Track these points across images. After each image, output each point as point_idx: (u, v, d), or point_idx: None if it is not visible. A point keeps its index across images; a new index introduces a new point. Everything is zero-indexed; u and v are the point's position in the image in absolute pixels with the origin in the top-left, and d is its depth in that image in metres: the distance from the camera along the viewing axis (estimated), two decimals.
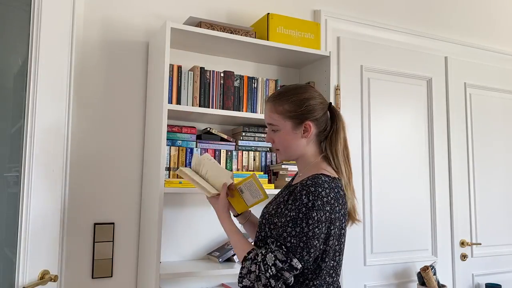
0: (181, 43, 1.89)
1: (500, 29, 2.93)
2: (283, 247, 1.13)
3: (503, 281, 2.60)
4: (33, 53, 1.49)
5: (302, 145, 1.29)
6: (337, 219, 1.19)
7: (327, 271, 1.21)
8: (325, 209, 1.14)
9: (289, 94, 1.29)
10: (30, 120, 1.46)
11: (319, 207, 1.13)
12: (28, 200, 1.44)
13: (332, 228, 1.18)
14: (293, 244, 1.12)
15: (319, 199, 1.14)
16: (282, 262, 1.12)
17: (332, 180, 1.22)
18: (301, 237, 1.12)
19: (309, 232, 1.12)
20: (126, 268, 1.82)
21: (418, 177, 2.48)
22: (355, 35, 2.40)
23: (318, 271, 1.19)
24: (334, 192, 1.19)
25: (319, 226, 1.13)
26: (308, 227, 1.12)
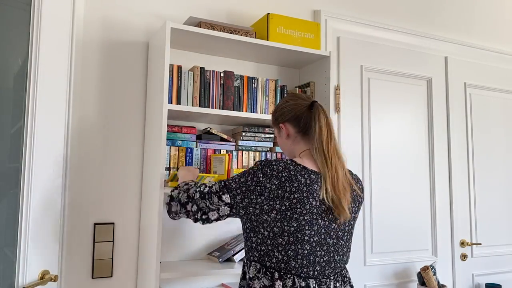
0: (181, 43, 1.89)
1: (500, 29, 2.94)
2: (222, 183, 1.31)
3: (503, 281, 2.61)
4: (33, 53, 1.49)
5: (289, 144, 1.43)
6: (286, 198, 1.23)
7: (272, 243, 1.25)
8: (272, 180, 1.24)
9: (277, 106, 1.48)
10: (30, 120, 1.46)
11: (266, 173, 1.25)
12: (28, 200, 1.44)
13: (278, 203, 1.23)
14: (231, 186, 1.29)
15: (268, 168, 1.26)
16: (216, 191, 1.30)
17: (295, 165, 1.29)
18: (241, 185, 1.27)
19: (250, 186, 1.25)
20: (126, 268, 1.82)
21: (418, 177, 2.49)
22: (355, 35, 2.40)
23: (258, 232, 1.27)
24: (289, 174, 1.26)
25: (261, 186, 1.24)
26: (251, 182, 1.26)
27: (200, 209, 1.33)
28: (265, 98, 1.95)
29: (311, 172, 1.29)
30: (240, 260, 1.85)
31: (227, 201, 1.28)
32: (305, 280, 1.25)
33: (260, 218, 1.26)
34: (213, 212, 1.31)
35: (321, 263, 1.28)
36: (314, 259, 1.27)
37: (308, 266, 1.26)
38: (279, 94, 1.98)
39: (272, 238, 1.25)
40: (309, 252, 1.26)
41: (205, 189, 1.33)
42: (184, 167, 1.66)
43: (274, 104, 1.97)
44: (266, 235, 1.26)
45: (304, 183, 1.26)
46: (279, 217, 1.24)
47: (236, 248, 1.86)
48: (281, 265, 1.25)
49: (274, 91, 1.97)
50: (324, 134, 1.32)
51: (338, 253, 1.33)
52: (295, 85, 2.20)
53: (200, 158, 1.84)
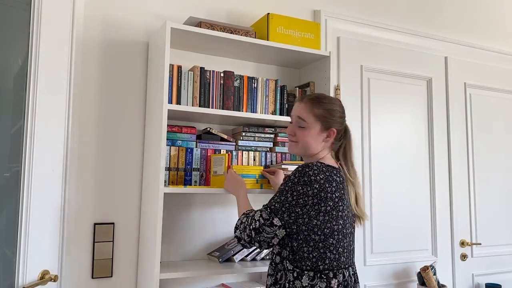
0: (181, 43, 1.89)
1: (500, 29, 2.93)
2: (268, 209, 1.37)
3: (503, 281, 2.60)
4: (33, 53, 1.49)
5: (320, 147, 1.49)
6: (330, 198, 1.34)
7: (324, 245, 1.35)
8: (312, 185, 1.32)
9: (325, 101, 1.51)
10: (30, 120, 1.46)
11: (305, 182, 1.32)
12: (28, 200, 1.44)
13: (323, 205, 1.33)
14: (276, 207, 1.35)
15: (305, 176, 1.33)
16: (265, 219, 1.35)
17: (327, 166, 1.40)
18: (284, 203, 1.33)
19: (292, 201, 1.32)
20: (126, 268, 1.82)
21: (418, 177, 2.48)
22: (355, 35, 2.40)
23: (309, 241, 1.34)
24: (325, 175, 1.35)
25: (304, 198, 1.32)
26: (292, 197, 1.33)
27: (264, 242, 1.37)
28: (265, 98, 1.95)
29: (339, 170, 1.45)
30: (240, 260, 1.85)
31: (279, 224, 1.34)
32: (347, 269, 1.40)
33: (310, 225, 1.35)
34: (274, 239, 1.36)
35: (352, 251, 1.45)
36: (350, 248, 1.43)
37: (349, 256, 1.42)
38: (279, 94, 1.98)
39: (324, 240, 1.35)
40: (348, 243, 1.41)
41: (256, 224, 1.36)
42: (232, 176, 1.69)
43: (274, 104, 1.97)
44: (317, 239, 1.35)
45: (339, 181, 1.39)
46: (328, 218, 1.35)
47: (236, 248, 1.86)
48: (334, 264, 1.36)
49: (274, 91, 1.97)
50: (353, 151, 1.53)
51: (354, 242, 1.48)
52: (295, 85, 2.20)
53: (200, 158, 1.84)
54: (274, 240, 1.36)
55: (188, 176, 1.82)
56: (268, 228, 1.34)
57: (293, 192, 1.33)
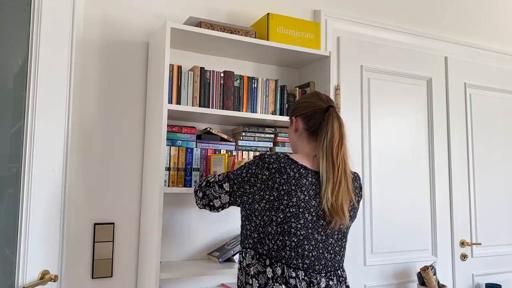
0: (181, 43, 1.89)
1: (500, 29, 2.93)
2: (225, 173, 1.43)
3: (503, 281, 2.61)
4: (33, 53, 1.49)
5: (295, 138, 1.48)
6: (275, 189, 1.29)
7: (264, 231, 1.31)
8: (263, 171, 1.31)
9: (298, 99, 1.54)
10: (30, 120, 1.46)
11: (258, 165, 1.33)
12: (28, 200, 1.44)
13: (267, 194, 1.30)
14: (231, 176, 1.40)
15: (261, 160, 1.34)
16: (219, 180, 1.42)
17: (288, 159, 1.33)
18: (238, 176, 1.37)
19: (245, 177, 1.35)
20: (126, 268, 1.82)
21: (418, 177, 2.48)
22: (355, 35, 2.40)
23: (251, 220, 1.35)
24: (280, 166, 1.31)
25: (254, 178, 1.32)
26: (246, 174, 1.35)
27: (207, 196, 1.45)
28: (265, 98, 1.95)
29: (301, 167, 1.32)
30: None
31: (227, 189, 1.39)
32: (295, 270, 1.29)
33: (252, 207, 1.34)
34: (216, 199, 1.43)
35: (310, 257, 1.30)
36: (303, 252, 1.29)
37: (297, 258, 1.29)
38: (279, 94, 1.98)
39: (263, 226, 1.31)
40: (296, 244, 1.29)
41: (211, 179, 1.45)
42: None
43: (274, 104, 1.97)
44: (257, 223, 1.33)
45: (293, 176, 1.30)
46: (268, 207, 1.30)
47: (236, 248, 1.86)
48: (272, 253, 1.30)
49: (274, 91, 1.97)
50: (335, 140, 1.34)
51: (329, 251, 1.34)
52: (295, 85, 2.20)
53: (200, 158, 1.84)
54: (216, 202, 1.43)
55: (188, 176, 1.82)
56: (217, 187, 1.41)
57: (248, 170, 1.35)
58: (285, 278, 1.28)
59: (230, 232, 2.02)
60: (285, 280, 1.27)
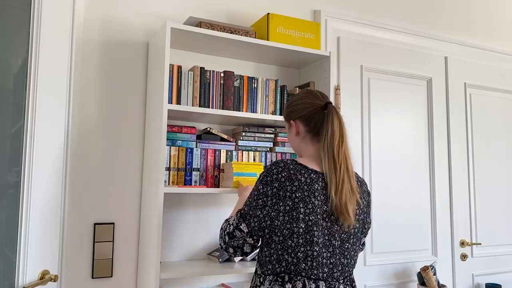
0: (181, 43, 1.89)
1: (500, 29, 2.93)
2: (239, 213, 1.31)
3: (503, 281, 2.61)
4: (33, 53, 1.48)
5: (297, 142, 1.42)
6: (289, 198, 1.24)
7: (282, 247, 1.24)
8: (272, 185, 1.25)
9: (289, 100, 1.46)
10: (30, 120, 1.46)
11: (266, 182, 1.27)
12: (28, 200, 1.44)
13: (282, 205, 1.24)
14: (245, 211, 1.29)
15: (269, 175, 1.27)
16: (236, 224, 1.29)
17: (296, 164, 1.29)
18: (249, 205, 1.28)
19: (253, 202, 1.28)
20: (126, 268, 1.82)
21: (418, 177, 2.48)
22: (355, 35, 2.40)
23: (270, 243, 1.26)
24: (289, 173, 1.26)
25: (263, 198, 1.26)
26: (253, 197, 1.28)
27: (237, 248, 1.31)
28: (265, 98, 1.95)
29: (311, 171, 1.28)
30: (240, 260, 1.85)
31: (246, 230, 1.27)
32: (315, 282, 1.23)
33: (271, 226, 1.25)
34: (245, 246, 1.30)
35: (329, 265, 1.26)
36: (322, 260, 1.24)
37: (318, 268, 1.24)
38: (279, 94, 1.98)
39: (282, 241, 1.24)
40: (318, 253, 1.23)
41: (230, 229, 1.30)
42: (247, 188, 1.61)
43: (274, 104, 1.97)
44: (277, 241, 1.25)
45: (305, 182, 1.25)
46: (287, 219, 1.23)
47: None
48: (291, 268, 1.24)
49: (274, 91, 1.97)
50: (336, 138, 1.30)
51: (345, 256, 1.30)
52: (295, 85, 2.20)
53: (200, 158, 1.84)
54: (246, 247, 1.30)
55: (188, 176, 1.82)
56: (238, 233, 1.28)
57: (257, 193, 1.27)
58: None
59: None
60: None
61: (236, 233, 1.28)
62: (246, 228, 1.27)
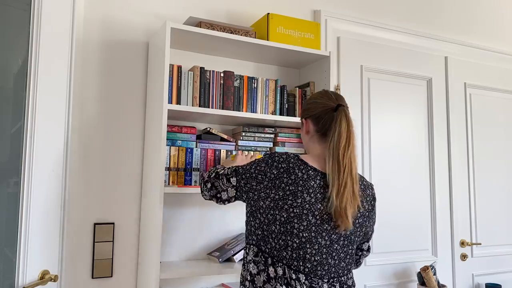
0: (181, 43, 1.89)
1: (500, 29, 2.93)
2: (233, 167, 1.42)
3: (503, 281, 2.61)
4: (33, 53, 1.49)
5: (307, 140, 1.46)
6: (281, 188, 1.28)
7: (268, 229, 1.30)
8: (272, 169, 1.31)
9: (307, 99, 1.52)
10: (30, 120, 1.46)
11: (267, 163, 1.33)
12: (28, 200, 1.44)
13: (273, 192, 1.28)
14: (239, 171, 1.39)
15: (271, 159, 1.34)
16: (227, 174, 1.41)
17: (298, 160, 1.32)
18: (246, 172, 1.37)
19: (253, 174, 1.34)
20: (126, 268, 1.82)
21: (418, 177, 2.49)
22: (355, 35, 2.40)
23: (256, 216, 1.34)
24: (288, 166, 1.30)
25: (262, 175, 1.32)
26: (254, 170, 1.34)
27: (215, 188, 1.43)
28: (265, 98, 1.95)
29: (310, 168, 1.30)
30: (240, 260, 1.85)
31: (234, 183, 1.38)
32: (295, 273, 1.26)
33: (257, 203, 1.32)
34: (223, 192, 1.41)
35: (312, 262, 1.27)
36: (304, 255, 1.26)
37: (298, 260, 1.26)
38: (279, 94, 1.98)
39: (267, 224, 1.30)
40: (298, 246, 1.26)
41: (220, 171, 1.44)
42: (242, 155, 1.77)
43: (274, 104, 1.97)
44: (262, 220, 1.31)
45: (301, 177, 1.28)
46: (272, 205, 1.28)
47: (236, 248, 1.86)
48: (274, 252, 1.29)
49: (274, 91, 1.97)
50: (342, 140, 1.30)
51: (333, 256, 1.30)
52: (295, 85, 2.20)
53: (200, 158, 1.84)
54: (223, 194, 1.41)
55: (188, 176, 1.82)
56: (225, 180, 1.40)
57: (256, 166, 1.34)
58: (287, 279, 1.25)
59: (230, 232, 2.02)
60: (286, 281, 1.25)
61: (223, 178, 1.41)
62: (235, 182, 1.38)
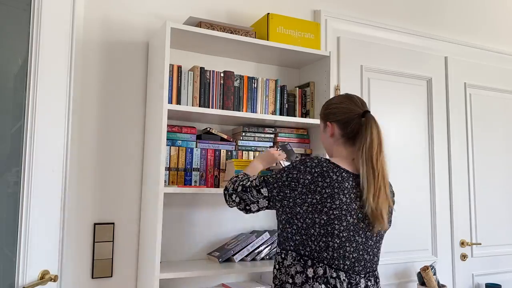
0: (181, 43, 1.89)
1: (500, 29, 2.93)
2: (262, 178, 1.41)
3: (503, 281, 2.60)
4: (33, 53, 1.48)
5: (330, 143, 1.48)
6: (318, 192, 1.30)
7: (306, 233, 1.32)
8: (305, 175, 1.32)
9: (328, 101, 1.54)
10: (30, 120, 1.46)
11: (300, 170, 1.34)
12: (28, 200, 1.44)
13: (310, 197, 1.30)
14: (269, 181, 1.38)
15: (303, 165, 1.34)
16: (256, 185, 1.40)
17: (330, 163, 1.35)
18: (278, 181, 1.36)
19: (285, 182, 1.34)
20: (126, 268, 1.82)
21: (418, 177, 2.48)
22: (355, 35, 2.40)
23: (292, 223, 1.35)
24: (322, 170, 1.32)
25: (295, 182, 1.33)
26: (287, 178, 1.35)
27: (243, 201, 1.42)
28: (265, 98, 1.95)
29: (343, 171, 1.35)
30: (240, 260, 1.85)
31: (265, 194, 1.38)
32: (336, 271, 1.31)
33: (293, 210, 1.33)
34: (253, 204, 1.40)
35: (351, 259, 1.33)
36: (344, 253, 1.32)
37: (339, 259, 1.31)
38: (279, 94, 1.98)
39: (305, 228, 1.32)
40: (339, 245, 1.31)
41: (247, 183, 1.42)
42: (261, 156, 1.73)
43: (274, 104, 1.97)
44: (299, 225, 1.33)
45: (336, 179, 1.32)
46: (310, 209, 1.30)
47: (236, 248, 1.86)
48: (314, 254, 1.32)
49: (274, 91, 1.97)
50: (374, 147, 1.35)
51: (368, 252, 1.37)
52: (295, 85, 2.20)
53: (200, 158, 1.84)
54: (253, 206, 1.40)
55: (188, 176, 1.82)
56: (254, 192, 1.39)
57: (288, 174, 1.35)
58: (326, 278, 1.30)
59: (230, 232, 2.02)
60: (326, 280, 1.30)
61: (252, 190, 1.39)
62: (266, 193, 1.37)
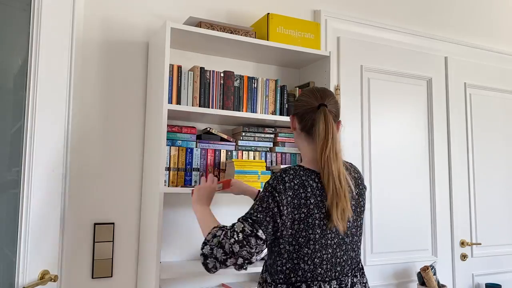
0: (181, 43, 1.89)
1: (500, 29, 2.93)
2: (249, 219, 1.23)
3: (503, 281, 2.60)
4: (33, 53, 1.49)
5: (296, 137, 1.43)
6: (304, 205, 1.24)
7: (298, 255, 1.24)
8: (286, 193, 1.23)
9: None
10: (30, 120, 1.46)
11: (280, 190, 1.23)
12: (28, 200, 1.44)
13: (297, 213, 1.23)
14: (258, 217, 1.22)
15: (281, 183, 1.24)
16: (250, 230, 1.21)
17: (305, 170, 1.30)
18: (262, 212, 1.22)
19: (267, 209, 1.22)
20: (126, 268, 1.82)
21: (418, 177, 2.48)
22: (355, 35, 2.40)
23: (283, 253, 1.25)
24: (301, 179, 1.26)
25: (280, 207, 1.22)
26: (268, 204, 1.22)
27: (246, 259, 1.22)
28: (265, 98, 1.95)
29: (312, 172, 1.30)
30: None
31: (263, 237, 1.21)
32: (329, 283, 1.26)
33: (285, 234, 1.24)
34: (255, 255, 1.23)
35: (341, 263, 1.29)
36: (336, 260, 1.28)
37: (331, 269, 1.27)
38: (279, 94, 1.98)
39: (298, 250, 1.24)
40: (332, 255, 1.27)
41: (239, 237, 1.20)
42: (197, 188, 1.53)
43: (274, 104, 1.97)
44: (291, 250, 1.24)
45: (316, 187, 1.27)
46: (303, 227, 1.24)
47: None
48: (307, 275, 1.25)
49: (274, 91, 1.97)
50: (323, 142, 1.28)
51: (354, 249, 1.34)
52: (295, 85, 2.20)
53: (200, 158, 1.84)
54: (254, 258, 1.22)
55: (188, 176, 1.82)
56: (252, 241, 1.19)
57: (273, 199, 1.22)
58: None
59: None
60: None
61: (250, 240, 1.19)
62: (263, 235, 1.20)
